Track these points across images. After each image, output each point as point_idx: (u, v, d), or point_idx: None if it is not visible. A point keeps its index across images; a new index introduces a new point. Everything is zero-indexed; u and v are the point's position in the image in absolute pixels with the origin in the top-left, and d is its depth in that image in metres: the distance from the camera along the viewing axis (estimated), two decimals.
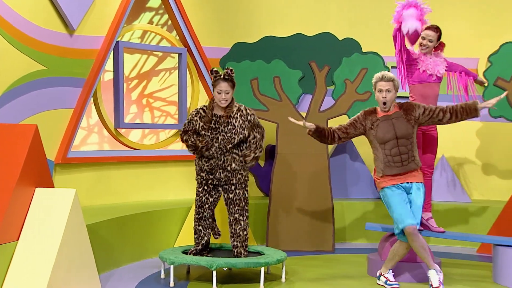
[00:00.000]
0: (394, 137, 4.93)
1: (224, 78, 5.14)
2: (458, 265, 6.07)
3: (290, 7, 7.93)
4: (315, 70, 6.75)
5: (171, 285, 4.97)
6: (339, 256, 6.44)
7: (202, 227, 5.33)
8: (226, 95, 5.14)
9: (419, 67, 5.65)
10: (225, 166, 5.20)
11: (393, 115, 4.99)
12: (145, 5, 7.29)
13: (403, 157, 4.93)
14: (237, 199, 5.25)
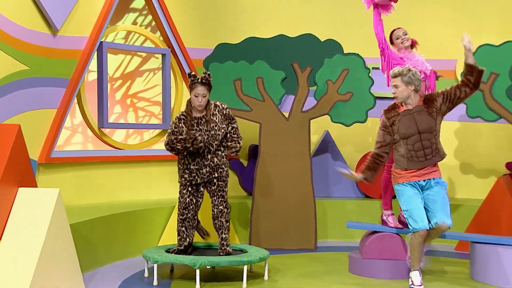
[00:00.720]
0: (417, 132, 4.86)
1: (202, 82, 5.13)
2: (436, 262, 6.10)
3: (273, 8, 7.93)
4: (297, 71, 6.75)
5: (154, 284, 4.94)
6: (321, 254, 6.44)
7: (186, 228, 5.30)
8: (203, 98, 5.13)
9: (407, 65, 5.67)
10: (209, 163, 5.19)
11: (414, 109, 4.90)
12: (129, 6, 7.24)
13: (426, 151, 4.86)
14: (220, 190, 5.27)
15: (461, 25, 7.57)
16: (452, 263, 6.08)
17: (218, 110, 5.24)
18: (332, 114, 6.71)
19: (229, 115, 5.32)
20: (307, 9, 8.00)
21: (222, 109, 5.26)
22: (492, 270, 5.17)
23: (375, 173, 5.12)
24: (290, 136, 6.73)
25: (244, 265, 4.95)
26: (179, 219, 5.32)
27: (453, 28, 7.75)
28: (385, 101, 7.80)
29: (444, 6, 7.59)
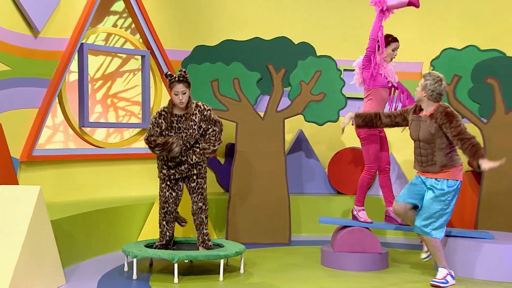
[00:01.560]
0: (417, 139, 4.93)
1: (179, 80, 5.09)
2: (403, 254, 6.16)
3: (249, 12, 7.92)
4: (272, 72, 6.75)
5: (134, 278, 4.91)
6: (294, 248, 6.46)
7: (166, 222, 5.28)
8: (183, 95, 5.09)
9: (381, 73, 5.71)
10: (187, 160, 5.17)
11: (423, 118, 4.92)
12: (109, 9, 7.18)
13: (422, 159, 4.91)
14: (199, 188, 5.25)
15: (426, 29, 7.66)
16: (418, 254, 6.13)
17: (199, 110, 5.19)
18: (305, 114, 6.72)
19: (210, 117, 5.22)
20: (282, 13, 8.01)
21: (203, 110, 5.19)
22: (454, 260, 5.24)
23: (364, 124, 5.26)
24: (265, 135, 6.73)
25: (221, 259, 4.95)
26: (161, 213, 5.29)
27: (418, 32, 7.81)
28: (356, 101, 7.86)
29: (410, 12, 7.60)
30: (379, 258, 5.46)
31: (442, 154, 4.81)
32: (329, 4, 8.09)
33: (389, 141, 7.64)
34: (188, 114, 5.13)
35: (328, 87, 6.68)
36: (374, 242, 5.47)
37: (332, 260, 5.49)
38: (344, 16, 8.08)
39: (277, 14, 7.99)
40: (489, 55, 6.30)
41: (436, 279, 4.84)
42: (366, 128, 5.33)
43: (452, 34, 7.57)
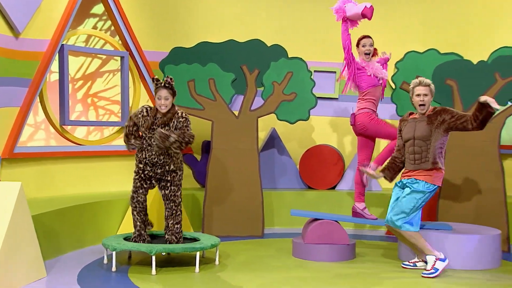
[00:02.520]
0: (412, 137, 4.95)
1: (164, 86, 5.07)
2: (369, 245, 6.22)
3: (224, 15, 7.91)
4: (246, 73, 6.75)
5: (113, 270, 4.88)
6: (267, 240, 6.48)
7: (137, 212, 5.23)
8: (165, 101, 5.06)
9: (369, 74, 5.76)
10: (163, 165, 5.14)
11: (419, 118, 4.97)
12: (90, 12, 7.10)
13: (416, 156, 4.93)
14: (172, 195, 5.21)
15: (389, 33, 7.71)
16: (383, 246, 6.21)
17: (176, 116, 5.15)
18: (278, 113, 6.74)
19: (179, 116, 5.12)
20: (254, 17, 8.01)
21: (179, 117, 5.13)
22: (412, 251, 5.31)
23: (393, 173, 5.19)
24: (240, 132, 6.74)
25: (197, 251, 4.94)
26: (132, 203, 5.23)
27: (384, 36, 7.86)
28: (325, 101, 7.94)
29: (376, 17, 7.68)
30: (346, 249, 5.50)
31: (435, 152, 4.91)
32: (300, 8, 8.12)
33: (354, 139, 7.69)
34: (167, 119, 5.10)
35: (299, 87, 6.71)
36: (342, 234, 5.51)
37: (302, 252, 5.52)
38: (314, 20, 8.12)
39: (251, 17, 8.00)
40: (448, 58, 6.37)
41: (425, 271, 4.87)
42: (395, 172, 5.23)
43: (415, 38, 7.66)
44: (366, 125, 5.96)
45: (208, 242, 5.13)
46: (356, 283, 4.64)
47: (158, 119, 5.10)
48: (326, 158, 7.62)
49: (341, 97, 8.01)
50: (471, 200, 6.20)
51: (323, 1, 8.11)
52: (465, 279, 4.81)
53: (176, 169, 5.20)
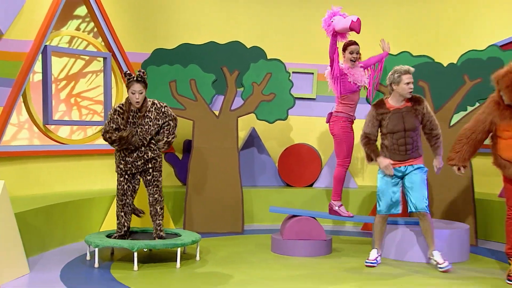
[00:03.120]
0: (403, 129, 4.93)
1: (137, 80, 5.02)
2: (346, 241, 6.26)
3: (204, 18, 7.89)
4: (226, 74, 6.75)
5: (95, 266, 4.84)
6: (247, 236, 6.48)
7: (124, 213, 5.22)
8: (139, 95, 5.02)
9: (349, 80, 5.76)
10: (143, 155, 5.12)
11: (404, 109, 4.96)
12: (73, 13, 7.04)
13: (407, 147, 4.94)
14: (155, 180, 5.20)
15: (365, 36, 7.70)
16: (359, 241, 6.25)
17: (155, 108, 5.13)
18: (257, 113, 6.75)
19: (167, 113, 5.18)
20: (234, 19, 8.01)
21: (159, 107, 5.13)
22: (389, 245, 5.36)
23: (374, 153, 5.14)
24: (220, 132, 6.73)
25: (178, 247, 4.93)
26: (119, 205, 5.22)
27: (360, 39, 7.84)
28: (303, 101, 7.97)
29: None
30: (323, 244, 5.52)
31: (419, 139, 5.01)
32: (279, 12, 8.14)
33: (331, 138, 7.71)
34: (143, 111, 5.08)
35: (278, 88, 6.73)
36: (319, 230, 5.54)
37: (281, 247, 5.53)
38: (293, 22, 8.15)
39: (231, 20, 7.99)
40: (419, 60, 6.43)
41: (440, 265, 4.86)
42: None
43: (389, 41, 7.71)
44: (334, 130, 5.85)
45: (189, 238, 5.11)
46: (332, 277, 4.66)
47: (134, 112, 5.06)
48: (304, 156, 7.65)
49: (318, 97, 8.05)
50: (441, 197, 6.27)
51: (301, 5, 8.15)
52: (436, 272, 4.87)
53: (155, 156, 5.18)
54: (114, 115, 5.08)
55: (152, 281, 4.46)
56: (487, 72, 6.02)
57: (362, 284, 4.44)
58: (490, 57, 6.08)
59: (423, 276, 4.71)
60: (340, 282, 4.50)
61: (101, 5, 6.85)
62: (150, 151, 5.15)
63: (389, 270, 4.91)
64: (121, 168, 5.15)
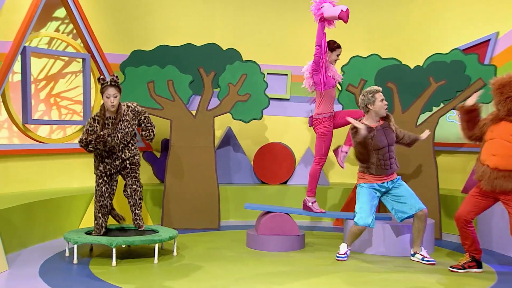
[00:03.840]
0: (387, 145, 4.97)
1: (111, 84, 5.01)
2: (318, 236, 6.30)
3: (182, 20, 7.85)
4: (203, 75, 6.73)
5: (74, 262, 4.79)
6: (223, 232, 6.48)
7: (102, 214, 5.17)
8: (114, 98, 5.01)
9: (330, 74, 5.78)
10: (121, 155, 5.11)
11: (384, 125, 5.01)
12: (52, 15, 6.94)
13: (391, 161, 4.99)
14: (133, 172, 5.21)
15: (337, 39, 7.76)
16: (330, 236, 6.30)
17: (131, 110, 5.13)
18: (233, 112, 6.75)
19: (139, 111, 5.21)
20: (211, 22, 7.98)
21: (133, 108, 5.15)
22: (360, 239, 5.40)
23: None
24: (197, 131, 6.71)
25: (156, 243, 4.90)
26: (97, 206, 5.18)
27: None
28: (277, 101, 7.98)
29: None
30: (296, 239, 5.55)
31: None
32: (254, 15, 8.14)
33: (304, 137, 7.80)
34: (119, 116, 5.05)
35: (253, 88, 6.73)
36: (292, 225, 5.56)
37: (256, 242, 5.54)
38: (267, 25, 8.16)
39: (207, 22, 7.97)
40: (388, 62, 6.50)
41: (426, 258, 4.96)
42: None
43: (359, 44, 7.78)
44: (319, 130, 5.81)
45: (167, 234, 5.09)
46: (305, 271, 4.69)
47: (109, 118, 5.03)
48: (278, 154, 7.67)
49: (292, 97, 8.08)
50: None
51: (276, 9, 8.16)
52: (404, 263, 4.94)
53: (133, 154, 5.18)
54: (93, 123, 5.05)
55: (130, 276, 4.43)
56: (450, 74, 6.17)
57: (333, 277, 4.48)
58: (453, 60, 6.17)
59: (391, 269, 4.77)
60: (313, 276, 4.53)
61: (79, 7, 6.77)
62: (128, 151, 5.13)
63: (358, 264, 4.96)
64: (100, 170, 5.12)
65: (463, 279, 4.46)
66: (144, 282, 4.26)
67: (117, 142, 5.03)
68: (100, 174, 5.13)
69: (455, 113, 5.30)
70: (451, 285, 4.27)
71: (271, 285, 4.21)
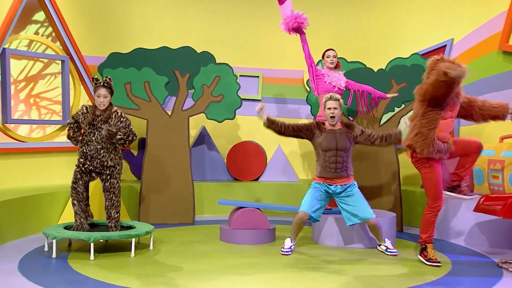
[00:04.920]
0: (335, 148, 4.98)
1: (103, 85, 5.03)
2: (287, 230, 6.31)
3: (158, 24, 7.82)
4: (178, 77, 6.71)
5: (53, 256, 4.73)
6: (198, 227, 6.47)
7: (77, 202, 5.09)
8: (104, 99, 5.02)
9: (325, 80, 5.85)
10: (103, 161, 5.04)
11: (338, 131, 5.03)
12: (31, 18, 6.82)
13: (337, 166, 4.99)
14: (111, 187, 5.13)
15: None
16: None
17: (116, 115, 5.10)
18: (207, 112, 6.75)
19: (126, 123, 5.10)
20: (186, 26, 7.97)
21: (119, 116, 5.11)
22: (325, 233, 5.49)
23: (274, 127, 5.11)
24: (172, 130, 6.70)
25: (132, 238, 4.87)
26: (72, 193, 5.08)
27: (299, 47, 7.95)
28: (249, 102, 8.01)
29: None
30: (267, 233, 5.58)
31: (350, 161, 5.08)
32: (227, 19, 8.15)
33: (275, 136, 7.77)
34: (106, 116, 5.03)
35: (226, 90, 6.75)
36: (263, 220, 5.59)
37: (229, 236, 5.56)
38: (240, 29, 8.18)
39: (182, 26, 7.95)
40: (354, 66, 6.59)
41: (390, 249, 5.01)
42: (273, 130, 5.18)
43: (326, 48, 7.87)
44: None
45: (143, 229, 5.07)
46: (275, 263, 4.72)
47: (97, 116, 5.02)
48: (250, 152, 7.70)
49: (263, 98, 8.12)
50: (371, 189, 6.43)
51: (247, 13, 8.19)
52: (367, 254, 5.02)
53: (114, 164, 5.12)
54: (79, 112, 5.10)
55: (108, 269, 4.39)
56: (411, 77, 6.28)
57: (299, 268, 4.53)
58: (413, 64, 6.28)
59: (355, 260, 4.84)
60: (282, 267, 4.57)
61: (58, 10, 6.69)
62: (110, 160, 5.08)
63: (323, 255, 5.02)
64: (80, 162, 5.07)
65: (421, 268, 4.55)
66: (121, 275, 4.23)
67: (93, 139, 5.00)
68: (78, 165, 5.09)
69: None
70: (411, 274, 4.36)
71: (241, 276, 4.23)
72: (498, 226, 5.34)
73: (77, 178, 5.10)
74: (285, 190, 7.42)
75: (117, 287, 3.87)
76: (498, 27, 6.35)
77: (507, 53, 6.26)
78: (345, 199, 5.05)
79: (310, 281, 4.11)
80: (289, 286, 3.95)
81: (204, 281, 4.07)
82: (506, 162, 5.60)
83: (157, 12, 7.84)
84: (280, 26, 5.93)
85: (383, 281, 4.13)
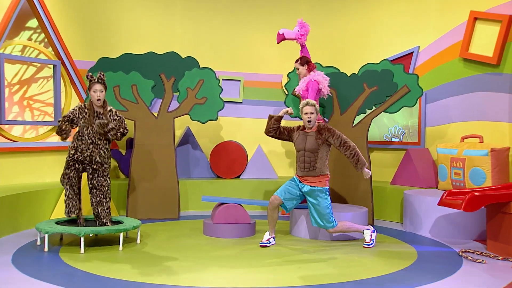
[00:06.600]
0: (303, 149, 5.01)
1: (98, 81, 5.02)
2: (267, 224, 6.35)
3: (145, 31, 7.79)
4: (164, 80, 6.71)
5: (45, 250, 4.70)
6: (182, 222, 6.47)
7: (69, 186, 5.03)
8: (100, 93, 5.03)
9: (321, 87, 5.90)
10: (92, 155, 5.02)
11: (310, 133, 5.03)
12: (25, 25, 6.75)
13: (305, 165, 4.99)
14: (99, 185, 5.10)
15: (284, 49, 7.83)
16: (278, 224, 6.37)
17: (111, 114, 5.09)
18: (191, 114, 6.75)
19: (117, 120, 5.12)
20: (171, 32, 7.95)
21: (114, 114, 5.11)
22: (302, 228, 5.53)
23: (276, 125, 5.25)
24: (159, 131, 6.69)
25: (121, 232, 4.87)
26: (64, 179, 5.02)
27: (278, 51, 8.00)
28: (231, 104, 8.03)
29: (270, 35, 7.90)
30: (248, 227, 5.60)
31: (321, 162, 5.02)
32: (210, 25, 8.15)
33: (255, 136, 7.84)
34: (105, 110, 5.06)
35: (209, 92, 6.75)
36: (244, 215, 5.60)
37: (212, 230, 5.56)
38: (223, 36, 8.19)
39: (168, 32, 7.94)
40: (329, 70, 6.61)
41: (365, 242, 5.04)
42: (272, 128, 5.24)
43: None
44: None
45: (131, 224, 5.06)
46: (256, 255, 4.76)
47: (95, 113, 5.02)
48: (232, 151, 7.72)
49: (244, 101, 8.14)
50: (344, 184, 6.48)
51: (230, 19, 8.20)
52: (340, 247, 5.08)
53: (102, 162, 5.08)
54: (76, 110, 5.06)
55: (97, 261, 4.39)
56: (381, 81, 6.36)
57: (278, 260, 4.57)
58: (383, 69, 6.34)
59: (330, 251, 4.90)
60: (262, 259, 4.61)
61: (50, 18, 6.63)
62: (98, 156, 5.06)
63: (301, 246, 5.08)
64: (71, 154, 5.04)
65: (390, 258, 4.63)
66: (110, 267, 4.23)
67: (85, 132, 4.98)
68: (69, 155, 5.05)
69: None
70: (381, 263, 4.43)
71: (223, 268, 4.26)
72: (459, 219, 5.45)
73: (69, 165, 5.05)
74: (265, 187, 7.45)
75: (106, 278, 3.87)
76: (460, 36, 6.47)
77: (467, 60, 6.39)
78: (312, 201, 5.06)
79: (286, 272, 4.15)
80: (266, 277, 3.99)
81: (188, 272, 4.09)
82: (467, 160, 5.72)
83: (144, 19, 7.82)
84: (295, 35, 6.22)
85: (357, 269, 4.20)
